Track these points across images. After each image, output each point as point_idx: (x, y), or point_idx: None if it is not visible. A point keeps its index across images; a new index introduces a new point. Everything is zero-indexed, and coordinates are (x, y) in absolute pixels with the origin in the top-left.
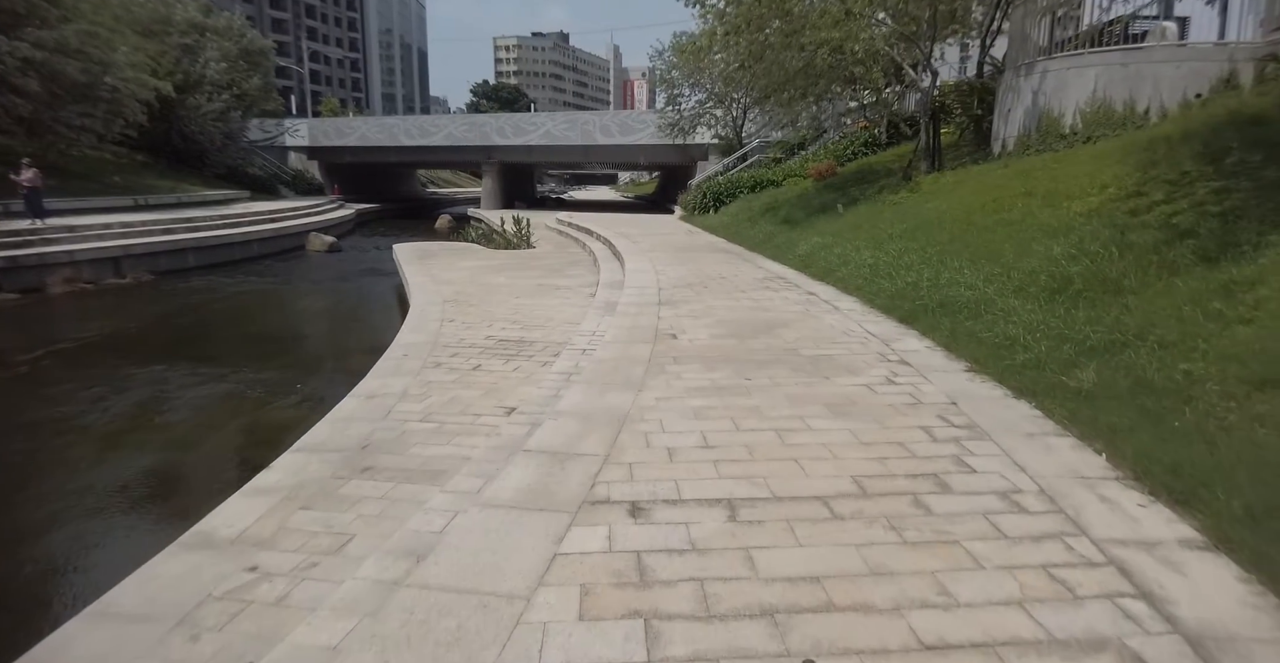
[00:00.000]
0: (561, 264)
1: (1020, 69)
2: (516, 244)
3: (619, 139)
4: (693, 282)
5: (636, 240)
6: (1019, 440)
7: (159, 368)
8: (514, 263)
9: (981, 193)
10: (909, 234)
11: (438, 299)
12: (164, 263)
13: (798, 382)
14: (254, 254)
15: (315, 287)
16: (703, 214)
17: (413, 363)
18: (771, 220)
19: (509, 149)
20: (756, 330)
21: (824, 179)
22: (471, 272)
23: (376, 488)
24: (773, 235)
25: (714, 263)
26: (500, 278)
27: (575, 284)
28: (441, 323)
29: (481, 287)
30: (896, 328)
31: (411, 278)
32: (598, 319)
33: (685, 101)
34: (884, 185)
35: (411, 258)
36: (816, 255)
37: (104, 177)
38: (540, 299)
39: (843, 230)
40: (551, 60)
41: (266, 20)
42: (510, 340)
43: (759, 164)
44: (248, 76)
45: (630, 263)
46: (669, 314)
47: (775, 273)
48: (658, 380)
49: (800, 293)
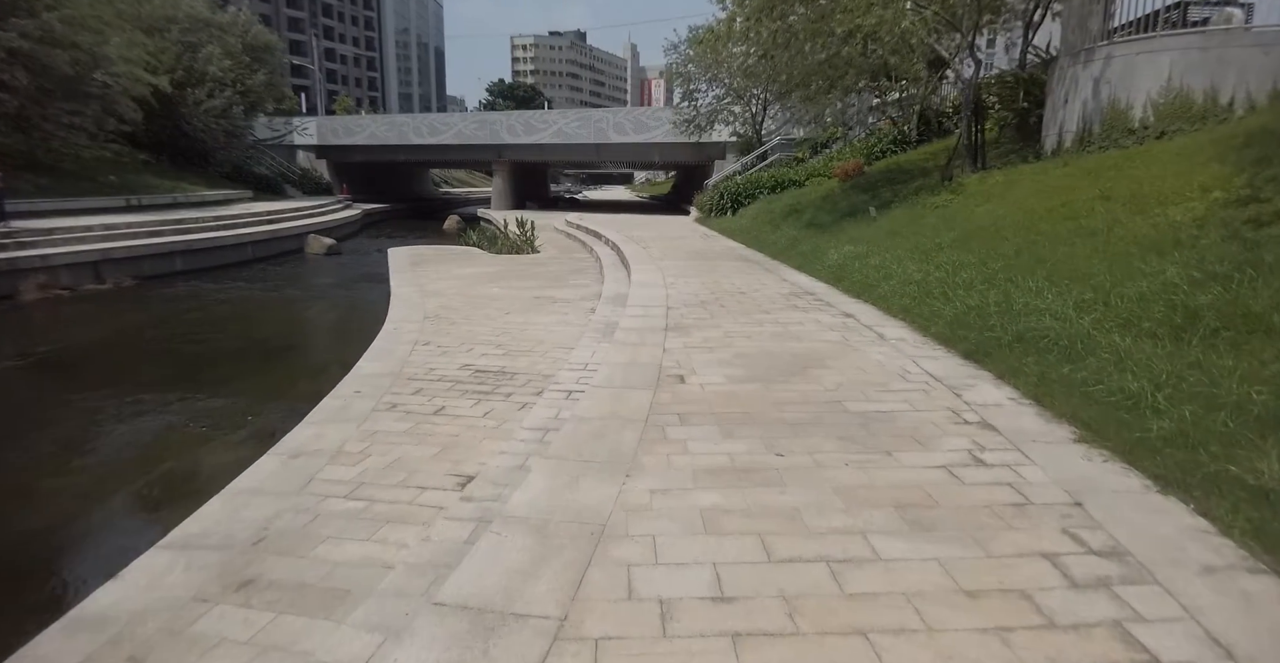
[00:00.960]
0: (564, 272)
1: (1078, 55)
2: (519, 248)
3: (633, 137)
4: (706, 298)
5: (647, 246)
6: (1197, 584)
7: (103, 393)
8: (513, 270)
9: (1043, 195)
10: (961, 243)
11: (417, 315)
12: (148, 267)
13: (849, 460)
14: (248, 257)
15: (304, 294)
16: (720, 216)
17: (363, 404)
18: (795, 224)
19: (520, 148)
20: (786, 370)
21: (850, 179)
22: (465, 281)
23: (247, 624)
24: (797, 241)
25: (732, 273)
26: (494, 288)
27: (576, 296)
28: (414, 347)
29: (471, 299)
30: (963, 368)
31: (397, 288)
32: (593, 346)
33: (702, 97)
34: (920, 186)
35: (403, 264)
36: (850, 267)
37: (99, 175)
38: (533, 316)
39: (878, 237)
40: (569, 59)
41: (283, 19)
42: (489, 372)
43: (780, 163)
44: (252, 73)
45: (638, 274)
46: (677, 344)
47: (803, 287)
48: (654, 456)
49: (835, 314)
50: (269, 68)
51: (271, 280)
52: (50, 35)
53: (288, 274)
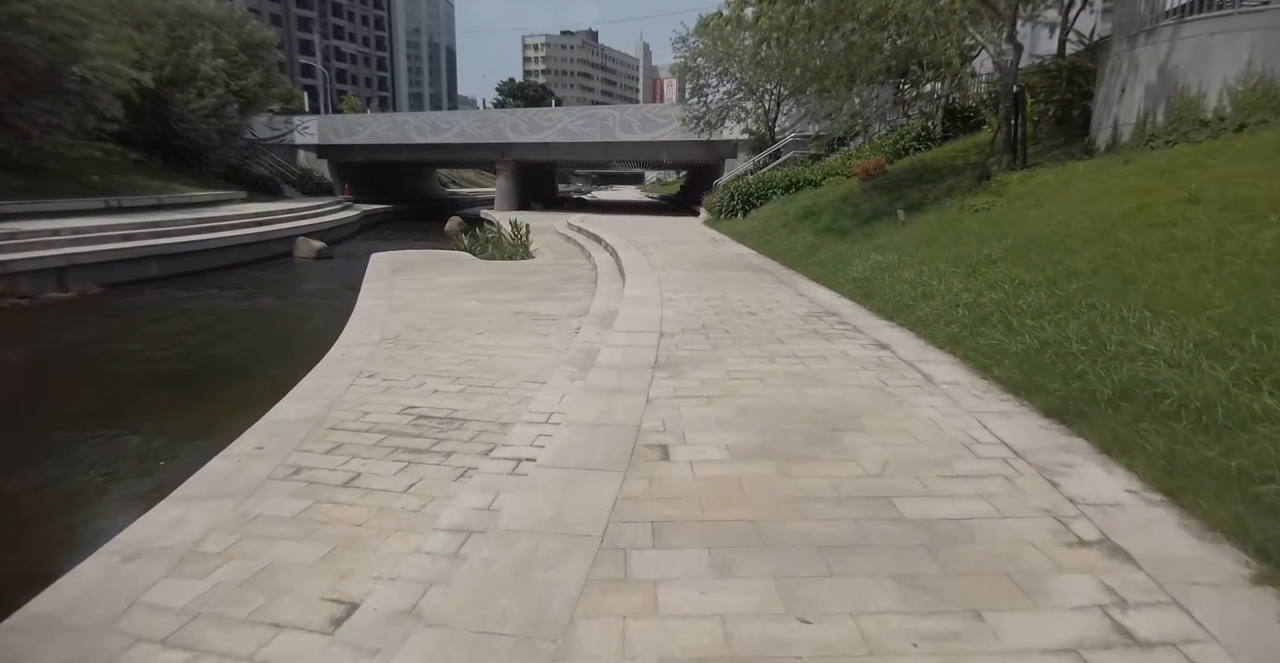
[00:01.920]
0: (555, 282)
1: (1137, 38)
2: (512, 254)
3: (640, 135)
4: (709, 321)
5: (648, 252)
6: None
7: (7, 428)
8: (500, 280)
9: (1110, 198)
10: (1018, 255)
11: (374, 337)
12: (119, 273)
13: (919, 632)
14: (231, 262)
15: (278, 303)
16: (729, 218)
17: (257, 468)
18: (812, 228)
19: (524, 146)
20: (809, 435)
21: (872, 178)
22: (443, 292)
23: None
24: (815, 248)
25: (740, 286)
26: (473, 301)
27: (564, 312)
28: (355, 380)
29: (443, 316)
30: (1049, 434)
31: (363, 302)
32: (565, 384)
33: (712, 93)
34: (953, 186)
35: (382, 272)
36: (879, 281)
37: (83, 176)
38: (508, 338)
39: (910, 245)
40: (580, 59)
41: (292, 18)
42: (434, 418)
43: (794, 161)
44: (246, 70)
45: (633, 287)
46: (665, 390)
47: (824, 304)
48: (602, 625)
49: (866, 344)
50: (265, 65)
51: (249, 287)
52: (21, 24)
53: (269, 280)
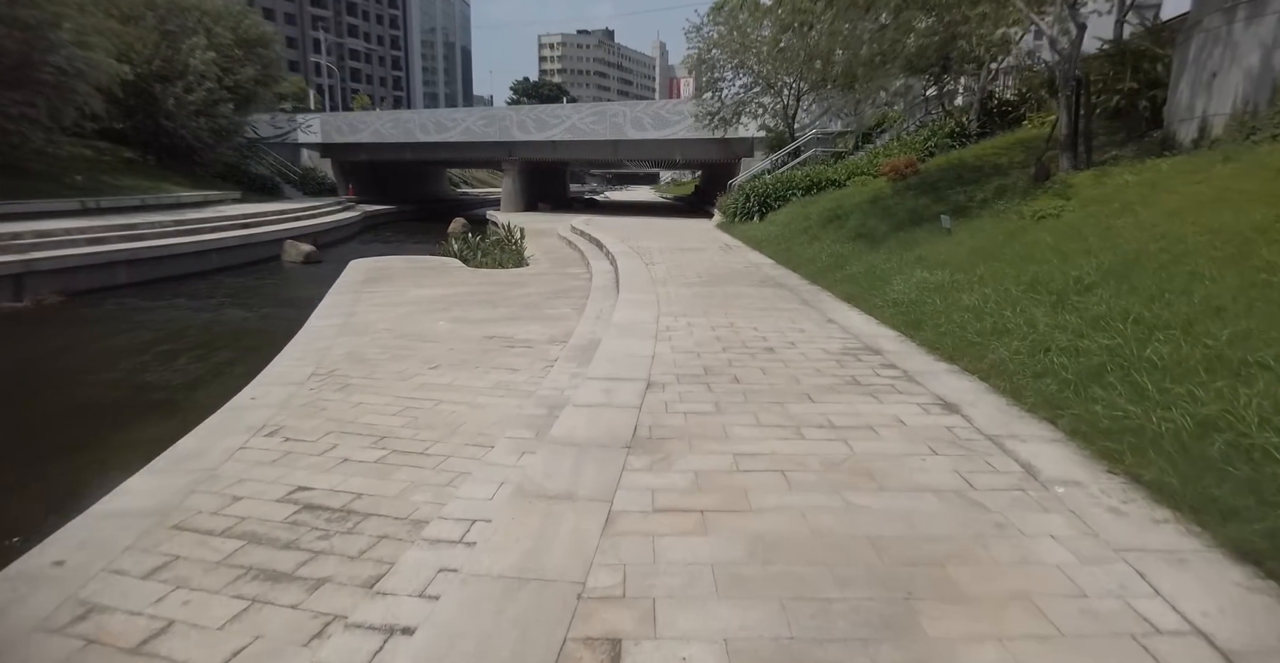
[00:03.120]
0: (543, 296)
1: (1235, 12)
2: (503, 261)
3: (652, 133)
4: (714, 362)
5: (652, 261)
6: None
7: None
8: (482, 292)
9: (1229, 206)
10: (1119, 280)
11: (305, 370)
12: (83, 280)
13: None
14: (211, 267)
15: (244, 316)
16: (745, 221)
17: (31, 606)
18: (839, 235)
19: (531, 145)
20: (866, 616)
21: (903, 178)
22: (413, 308)
23: None
24: (843, 259)
25: (755, 308)
26: (443, 321)
27: (542, 337)
28: (250, 438)
29: (400, 341)
30: (1263, 602)
31: (315, 320)
32: (512, 458)
33: (728, 87)
34: (1003, 188)
35: (352, 283)
36: (929, 306)
37: (66, 175)
38: (468, 374)
39: (963, 259)
40: (596, 58)
41: (306, 17)
42: (325, 511)
43: (815, 160)
44: (241, 66)
45: (626, 308)
46: (638, 495)
47: (861, 336)
48: None
49: (926, 402)
50: (265, 61)
51: (220, 296)
52: None
53: (245, 287)
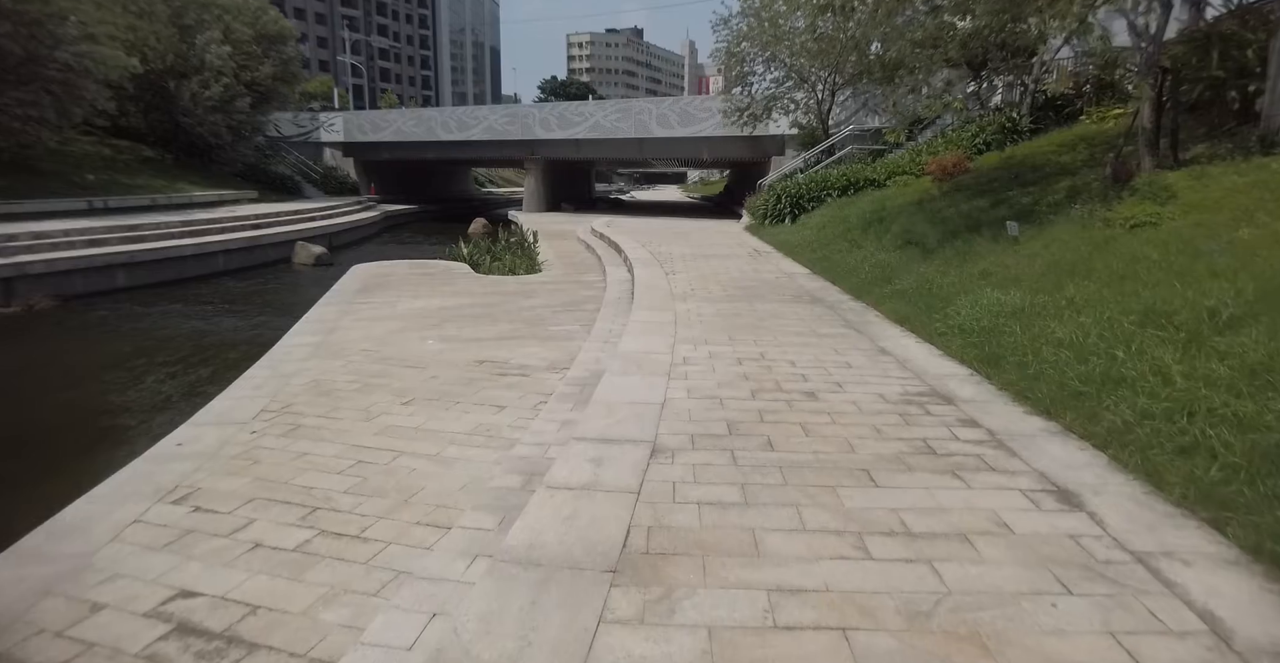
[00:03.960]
0: (552, 309)
1: None
2: (514, 266)
3: (678, 131)
4: (740, 413)
5: (673, 269)
6: None
7: None
8: (485, 303)
9: None
10: (1276, 312)
11: (252, 407)
12: (80, 284)
13: None
14: (218, 269)
15: (237, 324)
16: (776, 224)
17: None
18: (883, 241)
19: (553, 143)
20: None
21: (952, 177)
22: (403, 323)
23: None
24: (890, 270)
25: (792, 333)
26: (432, 340)
27: (542, 362)
28: (150, 508)
29: (377, 367)
30: None
31: (290, 338)
32: (463, 557)
33: (758, 82)
34: (1076, 189)
35: (347, 291)
36: (1007, 335)
37: (77, 174)
38: (444, 413)
39: (1040, 275)
40: (625, 57)
41: (336, 17)
42: (202, 632)
43: (851, 158)
44: (259, 62)
45: (634, 335)
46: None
47: (924, 374)
48: None
49: (1030, 487)
50: (284, 58)
51: (218, 302)
52: None
53: (247, 292)
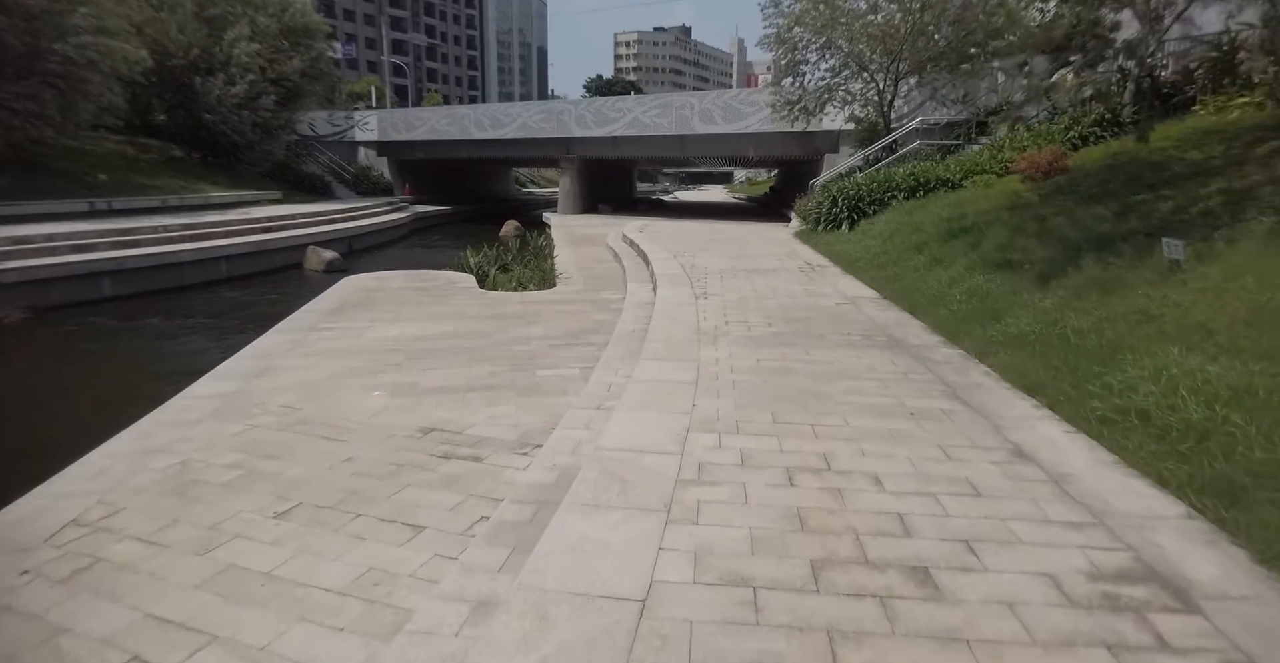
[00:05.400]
0: (551, 343)
1: None
2: (526, 280)
3: (722, 127)
4: (788, 633)
5: (707, 289)
6: None
7: None
8: (471, 333)
9: None
10: None
11: (53, 520)
12: (59, 293)
13: None
14: (220, 276)
15: (207, 345)
16: (830, 230)
17: None
18: (972, 257)
19: (589, 141)
20: None
21: (1047, 177)
22: (360, 361)
23: None
24: (992, 300)
25: (869, 411)
26: (380, 390)
27: (510, 433)
28: None
29: (287, 436)
30: None
31: (204, 383)
32: None
33: (811, 72)
34: (1236, 195)
35: (322, 309)
36: (1236, 439)
37: (90, 174)
38: (334, 537)
39: (1237, 320)
40: (672, 55)
41: (385, 18)
42: None
43: (916, 155)
44: (287, 58)
45: (627, 415)
46: None
47: (1115, 527)
48: None
49: None
50: (313, 54)
51: (201, 316)
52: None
53: (238, 304)
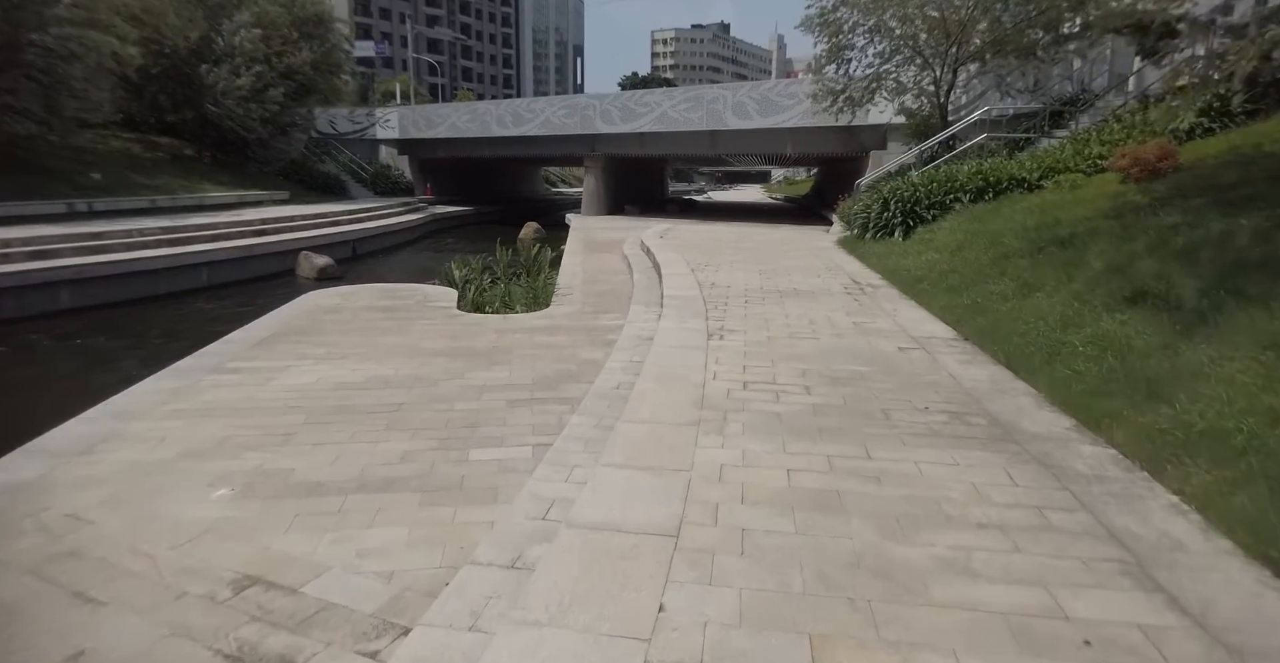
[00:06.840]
0: (512, 399)
1: None
2: (514, 300)
3: (757, 121)
4: None
5: (725, 321)
6: None
7: None
8: (412, 379)
9: None
10: None
11: None
12: (9, 306)
13: None
14: (200, 284)
15: (142, 374)
16: (881, 238)
17: None
18: (1087, 283)
19: (615, 138)
20: None
21: (1157, 176)
22: (236, 427)
23: None
24: (1137, 355)
25: (997, 628)
26: (228, 487)
27: (380, 595)
28: None
29: (29, 591)
30: None
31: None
32: None
33: (858, 59)
34: None
35: (250, 336)
36: None
37: (83, 173)
38: None
39: None
40: (710, 53)
41: (421, 16)
42: None
43: (976, 151)
44: (296, 48)
45: (543, 626)
46: None
47: None
48: None
49: None
50: (326, 46)
51: (156, 334)
52: None
53: (208, 317)
